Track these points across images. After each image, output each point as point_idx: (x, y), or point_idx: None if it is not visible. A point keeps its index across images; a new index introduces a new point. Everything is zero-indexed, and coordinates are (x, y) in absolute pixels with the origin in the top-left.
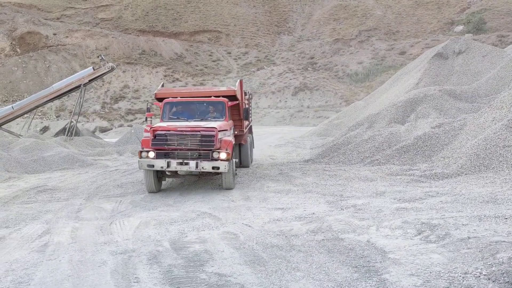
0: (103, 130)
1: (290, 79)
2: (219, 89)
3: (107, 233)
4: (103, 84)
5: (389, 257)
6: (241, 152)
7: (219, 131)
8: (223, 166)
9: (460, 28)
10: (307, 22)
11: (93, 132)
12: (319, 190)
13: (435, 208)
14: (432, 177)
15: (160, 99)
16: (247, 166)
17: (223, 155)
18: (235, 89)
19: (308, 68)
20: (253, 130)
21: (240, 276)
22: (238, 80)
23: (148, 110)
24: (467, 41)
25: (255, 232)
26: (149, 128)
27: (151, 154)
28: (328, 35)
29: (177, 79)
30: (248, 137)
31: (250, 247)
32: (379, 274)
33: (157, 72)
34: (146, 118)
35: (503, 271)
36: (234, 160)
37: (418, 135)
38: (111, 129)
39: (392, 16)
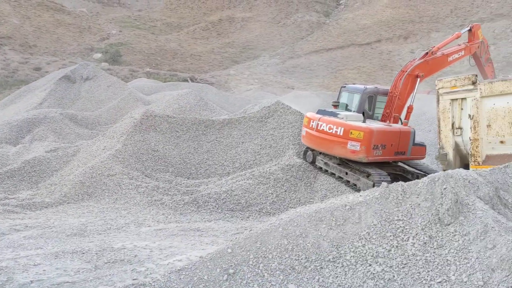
0: None
1: None
2: None
3: None
4: None
5: None
6: None
7: None
8: None
9: (99, 55)
10: None
11: None
12: None
13: (14, 245)
14: (30, 207)
15: None
16: None
17: None
18: None
19: None
20: None
21: None
22: None
23: None
24: (95, 69)
25: None
26: None
27: None
28: None
29: None
30: None
31: None
32: None
33: None
34: None
35: None
36: None
37: (28, 159)
38: None
39: (30, 29)
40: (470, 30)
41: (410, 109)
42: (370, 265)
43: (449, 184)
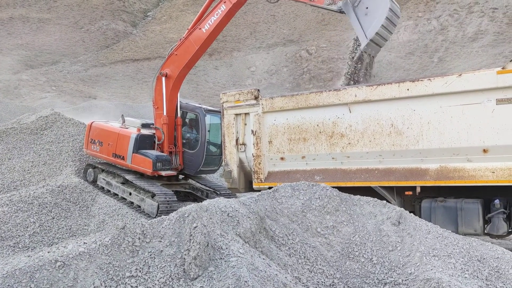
0: None
1: None
2: None
3: None
4: None
5: None
6: None
7: None
8: None
9: None
10: None
11: None
12: None
13: None
14: None
15: None
16: None
17: None
18: None
19: None
20: None
21: None
22: None
23: None
24: None
25: None
26: None
27: None
28: None
29: None
30: None
31: None
32: None
33: None
34: None
35: None
36: None
37: None
38: None
39: None
40: None
41: (178, 121)
42: None
43: (201, 221)
